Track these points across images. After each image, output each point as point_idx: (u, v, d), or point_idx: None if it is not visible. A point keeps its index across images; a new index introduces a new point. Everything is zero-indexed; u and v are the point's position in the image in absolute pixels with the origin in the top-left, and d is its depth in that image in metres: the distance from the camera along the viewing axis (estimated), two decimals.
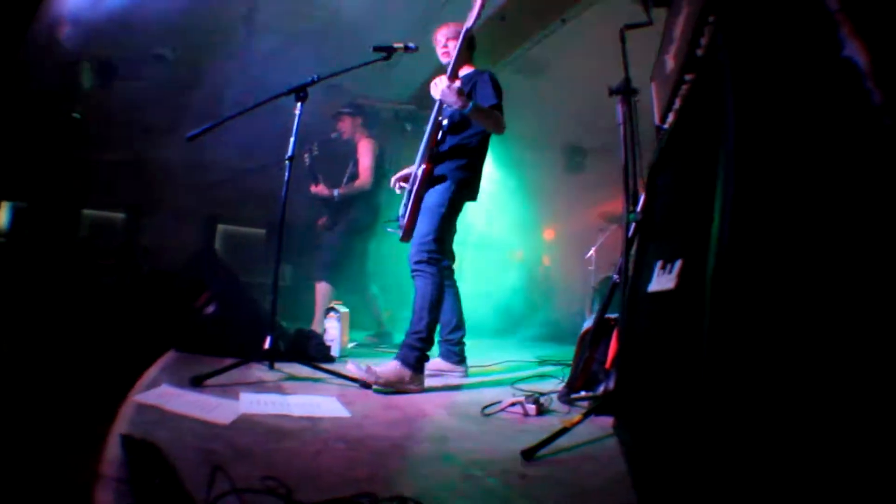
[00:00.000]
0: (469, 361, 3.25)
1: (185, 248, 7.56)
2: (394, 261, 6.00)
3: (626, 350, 1.66)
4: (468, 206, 3.14)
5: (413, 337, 2.71)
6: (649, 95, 2.45)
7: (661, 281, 1.23)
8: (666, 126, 1.68)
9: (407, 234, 3.00)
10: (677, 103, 1.53)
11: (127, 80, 6.22)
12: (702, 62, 1.28)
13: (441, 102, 2.81)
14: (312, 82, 2.90)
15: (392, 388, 2.54)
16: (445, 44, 3.17)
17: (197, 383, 2.22)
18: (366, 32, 5.15)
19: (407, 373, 2.61)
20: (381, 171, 4.61)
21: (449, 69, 2.85)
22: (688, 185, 1.30)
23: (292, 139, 2.91)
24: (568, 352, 4.65)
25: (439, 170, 2.96)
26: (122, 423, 1.63)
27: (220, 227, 8.01)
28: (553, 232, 6.42)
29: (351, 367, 2.60)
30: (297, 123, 2.94)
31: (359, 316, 4.05)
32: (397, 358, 2.67)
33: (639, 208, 2.02)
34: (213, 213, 7.85)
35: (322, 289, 4.31)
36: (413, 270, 2.86)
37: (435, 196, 2.91)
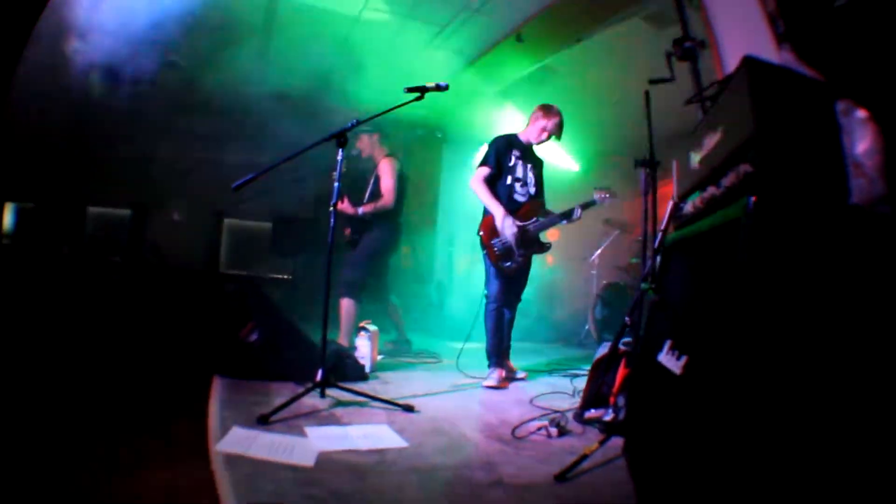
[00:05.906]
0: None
1: (193, 244, 7.84)
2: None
3: (637, 397, 2.03)
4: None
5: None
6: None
7: (670, 361, 1.59)
8: (685, 208, 1.87)
9: None
10: (698, 202, 1.71)
11: (137, 84, 6.23)
12: (725, 193, 1.45)
13: None
14: (351, 127, 3.00)
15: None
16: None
17: (264, 421, 2.47)
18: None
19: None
20: (402, 189, 4.78)
21: None
22: (701, 286, 1.61)
23: (336, 185, 3.04)
24: (572, 356, 5.06)
25: None
26: (226, 484, 1.79)
27: (226, 222, 8.21)
28: (557, 233, 6.72)
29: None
30: (340, 169, 3.05)
31: (378, 322, 4.32)
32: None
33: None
34: (218, 208, 8.04)
35: (346, 305, 4.51)
36: None
37: None
